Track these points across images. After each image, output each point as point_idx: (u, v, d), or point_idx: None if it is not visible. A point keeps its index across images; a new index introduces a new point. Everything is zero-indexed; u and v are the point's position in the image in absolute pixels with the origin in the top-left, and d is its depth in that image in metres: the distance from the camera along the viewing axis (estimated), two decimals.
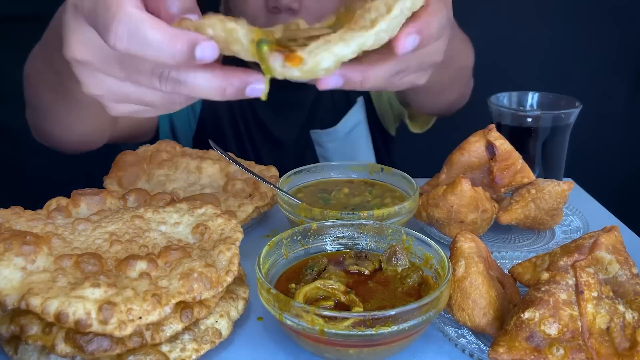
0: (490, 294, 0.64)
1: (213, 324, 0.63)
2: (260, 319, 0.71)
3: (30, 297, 0.54)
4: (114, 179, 0.93)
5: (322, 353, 0.62)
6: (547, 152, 1.01)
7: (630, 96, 2.36)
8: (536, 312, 0.58)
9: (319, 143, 1.32)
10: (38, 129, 0.98)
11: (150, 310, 0.55)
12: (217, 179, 0.97)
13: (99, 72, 0.53)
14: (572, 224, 0.94)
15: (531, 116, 0.99)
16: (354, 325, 0.57)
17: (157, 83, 0.50)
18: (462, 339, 0.65)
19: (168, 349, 0.60)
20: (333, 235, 0.75)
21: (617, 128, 2.37)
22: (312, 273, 0.69)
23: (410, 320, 0.58)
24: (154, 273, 0.60)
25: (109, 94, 0.55)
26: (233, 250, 0.65)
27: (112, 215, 0.71)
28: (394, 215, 0.81)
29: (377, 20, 0.48)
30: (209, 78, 0.50)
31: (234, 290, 0.68)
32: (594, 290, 0.59)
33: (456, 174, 0.89)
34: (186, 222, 0.71)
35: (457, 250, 0.67)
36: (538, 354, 0.56)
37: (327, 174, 0.97)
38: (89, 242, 0.65)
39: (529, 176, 0.88)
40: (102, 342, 0.56)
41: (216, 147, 0.88)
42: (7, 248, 0.59)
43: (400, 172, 0.94)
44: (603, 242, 0.64)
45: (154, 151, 1.00)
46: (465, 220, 0.83)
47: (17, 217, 0.68)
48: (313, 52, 0.46)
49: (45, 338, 0.56)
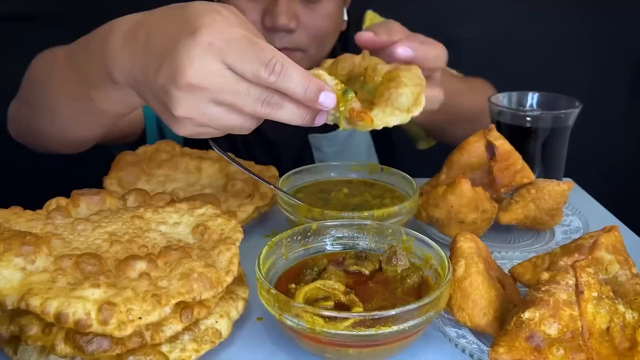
0: (490, 294, 0.64)
1: (213, 324, 0.63)
2: (260, 319, 0.71)
3: (30, 298, 0.54)
4: (114, 179, 0.93)
5: (322, 353, 0.62)
6: (547, 152, 1.00)
7: (630, 96, 2.36)
8: (536, 312, 0.58)
9: (318, 147, 1.31)
10: (27, 126, 0.98)
11: (150, 311, 0.55)
12: (217, 179, 0.97)
13: (208, 99, 0.60)
14: (572, 224, 0.94)
15: (531, 116, 0.99)
16: (354, 325, 0.57)
17: (260, 107, 0.61)
18: (462, 339, 0.65)
19: (168, 349, 0.60)
20: (333, 236, 0.75)
21: (617, 128, 2.37)
22: (312, 273, 0.69)
23: (410, 321, 0.58)
24: (153, 273, 0.60)
25: (198, 117, 0.61)
26: (233, 251, 0.65)
27: (111, 215, 0.71)
28: (394, 215, 0.81)
29: (412, 111, 0.69)
30: (297, 107, 0.63)
31: (234, 291, 0.68)
32: (594, 290, 0.59)
33: (456, 174, 0.89)
34: (186, 222, 0.71)
35: (457, 250, 0.67)
36: (538, 354, 0.56)
37: (326, 174, 0.97)
38: (88, 242, 0.65)
39: (529, 176, 0.88)
40: (102, 342, 0.56)
41: (216, 147, 0.88)
42: (6, 248, 0.59)
43: (400, 172, 0.94)
44: (603, 242, 0.64)
45: (154, 151, 1.00)
46: (465, 221, 0.83)
47: (17, 217, 0.68)
48: (377, 117, 0.67)
49: (45, 338, 0.56)
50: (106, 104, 0.77)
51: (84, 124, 0.87)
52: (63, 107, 0.86)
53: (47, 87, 0.88)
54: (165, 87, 0.60)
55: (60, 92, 0.85)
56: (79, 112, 0.83)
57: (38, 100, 0.92)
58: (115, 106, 0.77)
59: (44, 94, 0.89)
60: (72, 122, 0.87)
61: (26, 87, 0.96)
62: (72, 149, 0.99)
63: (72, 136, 0.93)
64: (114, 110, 0.79)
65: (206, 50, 0.58)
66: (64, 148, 0.99)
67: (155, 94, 0.63)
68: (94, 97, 0.76)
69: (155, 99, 0.64)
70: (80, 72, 0.77)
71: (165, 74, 0.60)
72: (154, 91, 0.63)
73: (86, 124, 0.87)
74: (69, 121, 0.87)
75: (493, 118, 1.03)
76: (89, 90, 0.76)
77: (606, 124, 2.31)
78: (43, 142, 1.00)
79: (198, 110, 0.61)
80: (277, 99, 0.62)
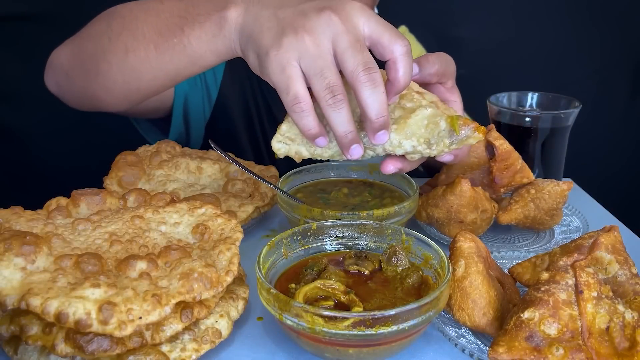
0: (490, 293, 0.64)
1: (213, 323, 0.63)
2: (260, 319, 0.71)
3: (30, 297, 0.54)
4: (114, 179, 0.93)
5: (322, 353, 0.62)
6: (546, 152, 1.01)
7: (630, 96, 2.36)
8: (536, 312, 0.58)
9: None
10: (84, 69, 0.92)
11: (150, 310, 0.55)
12: (217, 179, 0.97)
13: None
14: (572, 224, 0.94)
15: (531, 116, 0.99)
16: (354, 325, 0.57)
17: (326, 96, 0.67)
18: (461, 338, 0.65)
19: (168, 349, 0.60)
20: (333, 235, 0.75)
21: (617, 128, 2.37)
22: (312, 273, 0.69)
23: (410, 320, 0.58)
24: (154, 273, 0.60)
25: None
26: (233, 250, 0.65)
27: (112, 215, 0.71)
28: (393, 215, 0.81)
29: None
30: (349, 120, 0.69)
31: (234, 290, 0.68)
32: (593, 290, 0.59)
33: (456, 174, 0.90)
34: (186, 222, 0.71)
35: (457, 250, 0.67)
36: (538, 353, 0.56)
37: (326, 174, 0.97)
38: (89, 242, 0.65)
39: (528, 176, 0.88)
40: (102, 342, 0.56)
41: (216, 147, 0.88)
42: (7, 248, 0.59)
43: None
44: (602, 242, 0.64)
45: (154, 151, 1.00)
46: (465, 220, 0.83)
47: (17, 217, 0.68)
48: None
49: (45, 338, 0.56)
50: (197, 44, 0.77)
51: (154, 69, 0.84)
52: (142, 43, 0.83)
53: (132, 19, 0.85)
54: (307, 11, 0.67)
55: (147, 26, 0.82)
56: (159, 51, 0.81)
57: (114, 35, 0.87)
58: (205, 47, 0.77)
59: (124, 27, 0.85)
60: (144, 63, 0.84)
61: (100, 22, 0.91)
62: (121, 102, 0.94)
63: (135, 83, 0.88)
64: (200, 53, 0.78)
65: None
66: (115, 99, 0.93)
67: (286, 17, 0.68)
68: (188, 34, 0.77)
69: (276, 21, 0.68)
70: (189, 3, 0.78)
71: (316, 5, 0.67)
72: (281, 15, 0.69)
73: (157, 70, 0.84)
74: (141, 62, 0.84)
75: (493, 118, 1.03)
76: (184, 26, 0.77)
77: (606, 124, 2.31)
78: (95, 90, 0.93)
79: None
80: (341, 97, 0.66)
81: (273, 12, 0.70)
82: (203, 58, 0.79)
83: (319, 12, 0.66)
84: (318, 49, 0.65)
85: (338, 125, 0.68)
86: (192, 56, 0.79)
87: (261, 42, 0.68)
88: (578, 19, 2.24)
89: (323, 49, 0.66)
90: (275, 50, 0.66)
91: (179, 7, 0.80)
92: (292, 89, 0.66)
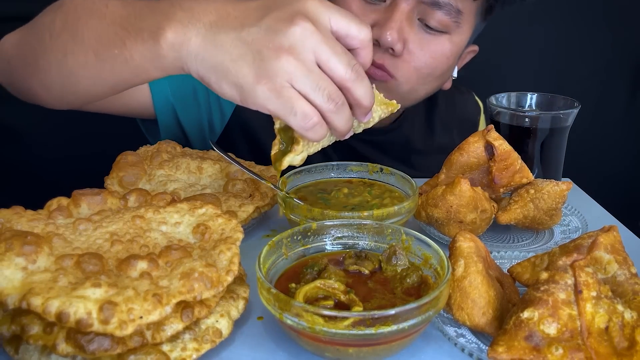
0: (490, 293, 0.65)
1: (213, 323, 0.64)
2: (261, 319, 0.71)
3: (31, 297, 0.54)
4: (115, 179, 0.93)
5: (322, 352, 0.62)
6: (545, 152, 1.01)
7: (629, 96, 2.36)
8: (535, 311, 0.58)
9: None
10: (25, 63, 0.88)
11: (151, 310, 0.55)
12: (217, 179, 0.97)
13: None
14: (571, 224, 0.94)
15: (530, 116, 0.99)
16: (354, 324, 0.57)
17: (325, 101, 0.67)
18: (461, 338, 0.65)
19: (169, 349, 0.60)
20: (333, 235, 0.76)
21: (616, 128, 2.37)
22: (312, 273, 0.69)
23: (410, 320, 0.58)
24: (154, 273, 0.60)
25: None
26: (233, 250, 0.65)
27: (112, 215, 0.71)
28: (393, 215, 0.81)
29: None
30: (349, 116, 0.71)
31: (235, 290, 0.69)
32: (592, 289, 0.59)
33: (455, 174, 0.90)
34: (187, 222, 0.71)
35: (457, 250, 0.68)
36: (537, 353, 0.56)
37: (326, 174, 0.98)
38: (89, 242, 0.66)
39: (527, 176, 0.88)
40: (103, 341, 0.56)
41: (216, 148, 0.88)
42: (8, 248, 0.59)
43: (399, 172, 0.94)
44: (602, 241, 0.64)
45: (155, 151, 1.00)
46: (465, 220, 0.84)
47: (18, 217, 0.68)
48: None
49: (46, 338, 0.56)
50: (140, 60, 0.72)
51: (93, 76, 0.80)
52: (82, 48, 0.78)
53: (75, 19, 0.80)
54: (275, 27, 0.64)
55: (88, 30, 0.77)
56: (99, 59, 0.76)
57: (55, 33, 0.82)
58: (149, 65, 0.73)
59: (65, 26, 0.81)
60: (83, 69, 0.79)
61: (47, 15, 0.86)
62: (59, 103, 0.90)
63: (72, 87, 0.84)
64: (145, 68, 0.73)
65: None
66: (52, 99, 0.89)
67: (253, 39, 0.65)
68: (130, 47, 0.72)
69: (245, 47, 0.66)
70: (132, 14, 0.73)
71: (281, 17, 0.65)
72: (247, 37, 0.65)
73: (96, 78, 0.79)
74: (80, 67, 0.79)
75: (492, 118, 1.03)
76: (126, 39, 0.72)
77: (605, 124, 2.31)
78: (33, 85, 0.89)
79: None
80: (342, 99, 0.67)
81: (236, 36, 0.65)
82: (148, 72, 0.75)
83: (289, 25, 0.64)
84: (305, 65, 0.64)
85: (343, 125, 0.69)
86: (136, 69, 0.74)
87: (240, 73, 0.65)
88: (578, 19, 2.24)
89: (309, 64, 0.64)
90: (265, 79, 0.64)
91: (122, 15, 0.75)
92: (299, 109, 0.65)
